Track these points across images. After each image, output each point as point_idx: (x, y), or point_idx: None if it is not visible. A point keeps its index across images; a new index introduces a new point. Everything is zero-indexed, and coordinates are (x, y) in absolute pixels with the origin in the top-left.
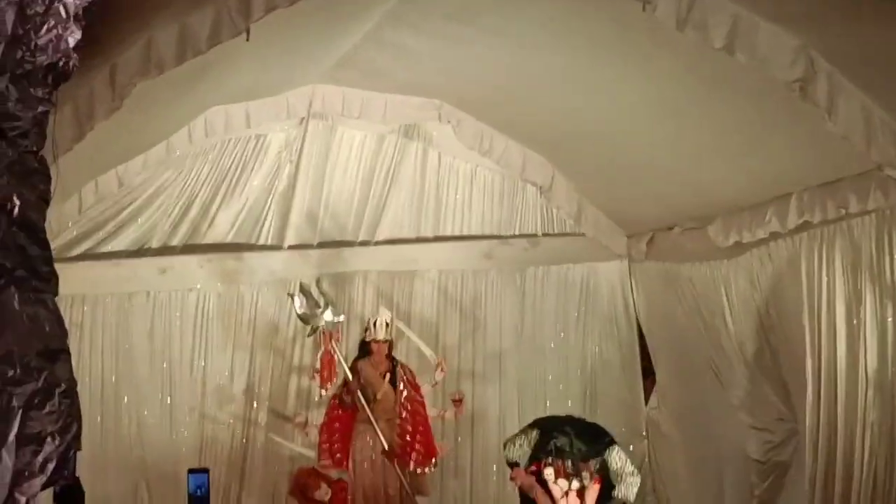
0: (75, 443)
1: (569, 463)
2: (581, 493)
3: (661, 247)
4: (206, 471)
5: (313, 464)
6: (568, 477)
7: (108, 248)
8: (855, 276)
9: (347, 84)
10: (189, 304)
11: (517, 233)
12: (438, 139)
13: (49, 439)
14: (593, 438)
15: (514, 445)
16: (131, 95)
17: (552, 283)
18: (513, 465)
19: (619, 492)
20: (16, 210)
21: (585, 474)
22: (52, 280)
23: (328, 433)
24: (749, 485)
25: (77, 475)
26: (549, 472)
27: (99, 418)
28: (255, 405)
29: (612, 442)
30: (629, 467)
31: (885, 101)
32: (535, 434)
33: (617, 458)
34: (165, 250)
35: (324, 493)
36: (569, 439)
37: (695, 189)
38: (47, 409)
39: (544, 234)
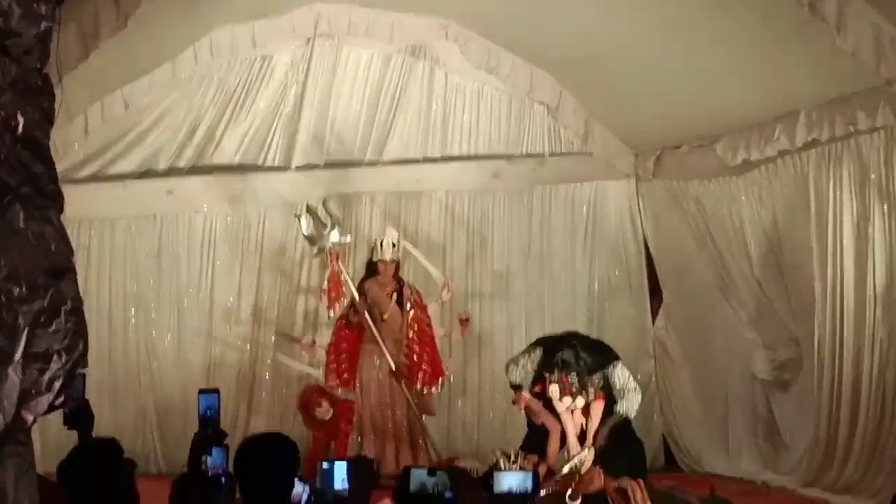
0: (82, 361)
1: (573, 377)
2: (586, 409)
3: (668, 165)
4: (216, 391)
5: (320, 383)
6: (573, 394)
7: (115, 170)
8: (863, 194)
9: (354, 3)
10: (196, 226)
11: (524, 152)
12: (445, 58)
13: (55, 357)
14: (597, 351)
15: (517, 367)
16: (136, 15)
17: (559, 203)
18: (516, 388)
19: (622, 407)
20: (20, 128)
21: (590, 390)
22: (57, 198)
23: (335, 353)
24: (754, 402)
25: (86, 397)
26: (553, 390)
27: (107, 340)
28: (262, 327)
29: (615, 357)
30: (631, 383)
31: (895, 18)
32: (538, 352)
33: (620, 374)
34: (172, 172)
35: (324, 411)
36: (574, 352)
37: (703, 107)
38: (53, 327)
39: (551, 154)
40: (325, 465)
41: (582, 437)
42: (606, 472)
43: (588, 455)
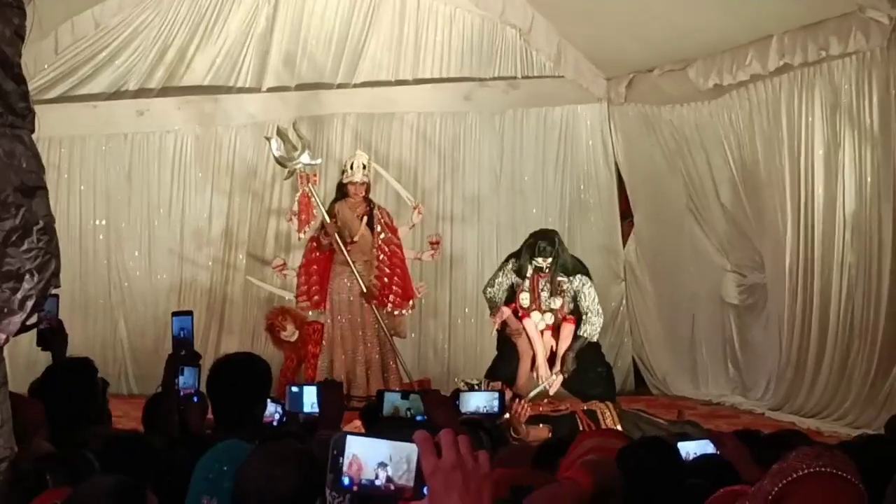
0: (54, 280)
1: (547, 269)
2: (556, 331)
3: (640, 89)
4: (189, 313)
5: (289, 305)
6: (541, 308)
7: (86, 90)
8: (834, 119)
9: None
10: (167, 147)
11: (496, 75)
12: None
13: (28, 276)
14: (572, 258)
15: (493, 286)
16: None
17: (531, 126)
18: (493, 305)
19: (584, 330)
20: None
21: (563, 296)
22: (28, 116)
23: (306, 275)
24: (722, 327)
25: (59, 318)
26: (523, 297)
27: (77, 260)
28: (233, 248)
29: (587, 273)
30: (596, 306)
31: None
32: (510, 264)
33: (588, 293)
34: (143, 93)
35: (290, 334)
36: (552, 242)
37: (675, 30)
38: (25, 245)
39: (524, 77)
40: (294, 388)
41: (552, 361)
42: (576, 394)
43: (556, 379)
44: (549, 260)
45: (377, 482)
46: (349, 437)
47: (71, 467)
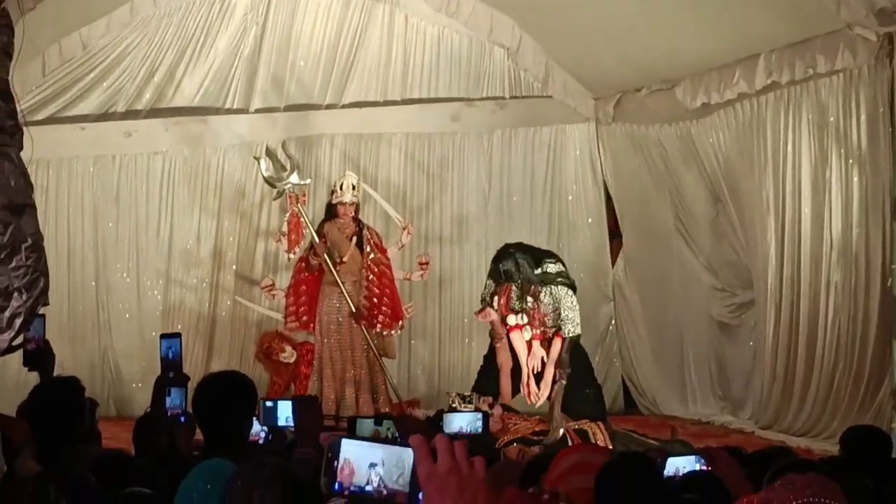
0: (42, 298)
1: (515, 289)
2: (546, 344)
3: (628, 109)
4: (178, 335)
5: (279, 327)
6: (515, 311)
7: (74, 111)
8: (821, 137)
9: None
10: (155, 168)
11: (484, 95)
12: (405, 1)
13: (16, 294)
14: (538, 258)
15: (484, 289)
16: None
17: (519, 146)
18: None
19: (566, 330)
20: None
21: (530, 300)
22: (16, 134)
23: (295, 296)
24: (711, 346)
25: (46, 338)
26: (495, 302)
27: (66, 282)
28: (222, 269)
29: (555, 279)
30: (569, 301)
31: None
32: (491, 267)
33: (556, 293)
34: (131, 114)
35: (289, 355)
36: (513, 260)
37: (663, 50)
38: (14, 263)
39: (512, 97)
40: (268, 403)
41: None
42: (567, 413)
43: (543, 392)
44: (517, 282)
45: (368, 487)
46: (344, 441)
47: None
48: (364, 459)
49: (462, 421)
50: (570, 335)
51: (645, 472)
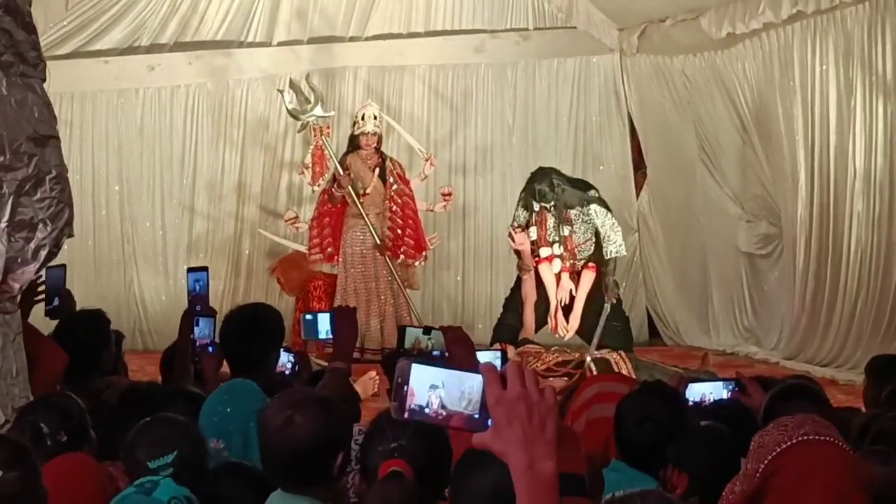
0: (67, 229)
1: (551, 207)
2: (576, 276)
3: (652, 39)
4: (205, 269)
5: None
6: (548, 241)
7: (97, 46)
8: (847, 67)
9: None
10: (178, 101)
11: (508, 27)
12: None
13: (41, 226)
14: (575, 184)
15: (513, 220)
16: None
17: (543, 78)
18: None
19: (610, 251)
20: None
21: (566, 229)
22: (39, 65)
23: (318, 228)
24: (736, 276)
25: (67, 288)
26: (532, 232)
27: (91, 215)
28: (246, 202)
29: (594, 196)
30: (609, 220)
31: None
32: (521, 196)
33: (597, 212)
34: (154, 48)
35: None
36: (549, 181)
37: None
38: (38, 195)
39: (535, 28)
40: (308, 316)
41: (570, 307)
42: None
43: (572, 324)
44: (551, 204)
45: (427, 409)
46: (414, 365)
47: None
48: (425, 381)
49: (482, 359)
50: (617, 254)
51: (665, 399)
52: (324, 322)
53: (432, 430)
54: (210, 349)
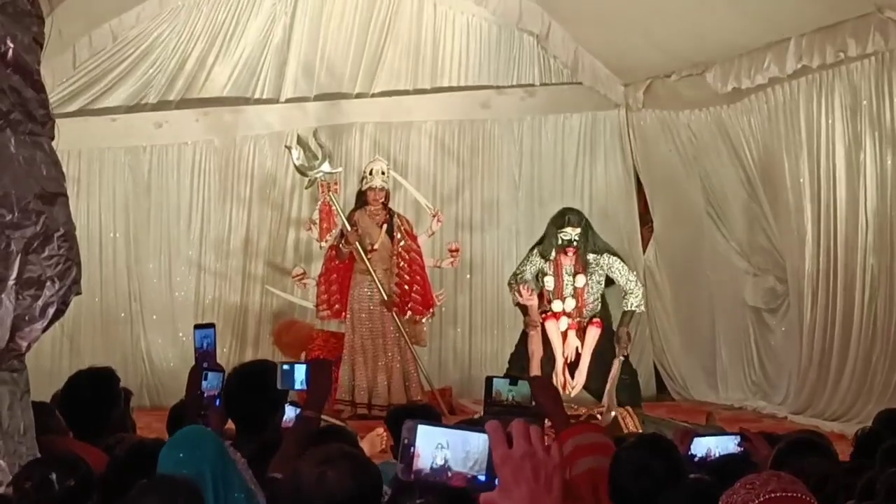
0: (75, 287)
1: (574, 241)
2: (581, 332)
3: (658, 94)
4: (212, 325)
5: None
6: (563, 294)
7: (105, 103)
8: (854, 121)
9: None
10: (186, 158)
11: (514, 83)
12: None
13: (49, 283)
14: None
15: (516, 275)
16: None
17: (549, 133)
18: (516, 292)
19: (630, 303)
20: (9, 53)
21: (581, 278)
22: (48, 123)
23: (326, 284)
24: (743, 330)
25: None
26: (548, 281)
27: (98, 272)
28: (253, 258)
29: (616, 253)
30: (633, 276)
31: None
32: (535, 251)
33: (620, 268)
34: (161, 105)
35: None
36: (579, 217)
37: (693, 34)
38: (46, 252)
39: (541, 84)
40: (285, 366)
41: (575, 364)
42: (598, 399)
43: (578, 380)
44: (578, 230)
45: (433, 470)
46: (420, 427)
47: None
48: (431, 441)
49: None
50: (636, 308)
51: (661, 450)
52: (300, 372)
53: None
54: (217, 402)
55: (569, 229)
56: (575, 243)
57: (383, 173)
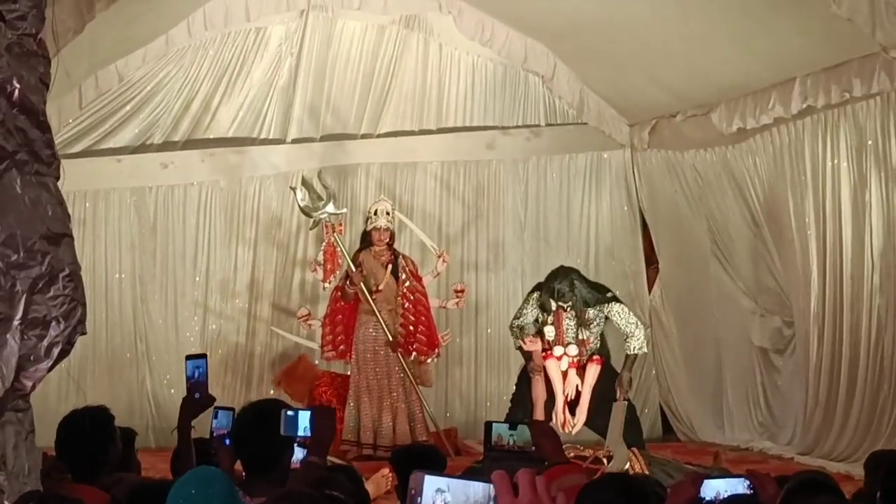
0: (80, 327)
1: (569, 315)
2: (581, 371)
3: (663, 135)
4: (203, 356)
5: (316, 356)
6: (564, 341)
7: (110, 144)
8: (860, 160)
9: None
10: (191, 199)
11: (519, 123)
12: (439, 30)
13: (54, 324)
14: (593, 286)
15: (520, 318)
16: None
17: (555, 173)
18: (520, 333)
19: (633, 346)
20: (16, 93)
21: (585, 332)
22: (53, 163)
23: (331, 325)
24: (750, 371)
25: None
26: (549, 332)
27: (104, 313)
28: (258, 299)
29: (613, 297)
30: (633, 319)
31: None
32: (535, 296)
33: (619, 312)
34: (167, 146)
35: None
36: (569, 282)
37: (698, 75)
38: (51, 293)
39: (547, 125)
40: (289, 412)
41: (576, 401)
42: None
43: (579, 419)
44: (569, 304)
45: None
46: (427, 477)
47: None
48: (432, 486)
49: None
50: (638, 351)
51: (624, 490)
52: (304, 419)
53: None
54: (227, 441)
55: (559, 301)
56: (567, 308)
57: (388, 214)
